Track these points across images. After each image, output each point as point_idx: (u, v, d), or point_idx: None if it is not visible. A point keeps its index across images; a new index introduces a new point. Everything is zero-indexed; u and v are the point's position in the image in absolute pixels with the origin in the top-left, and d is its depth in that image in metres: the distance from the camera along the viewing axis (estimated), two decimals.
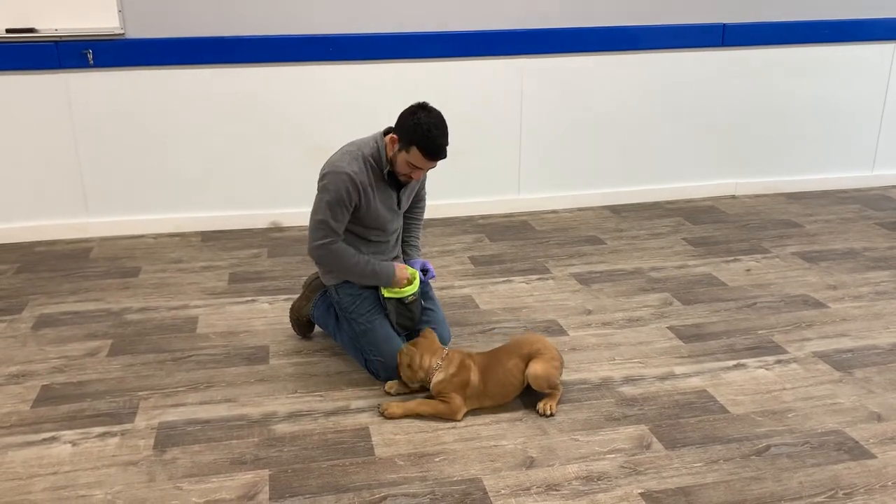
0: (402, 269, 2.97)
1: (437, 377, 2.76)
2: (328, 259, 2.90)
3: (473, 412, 2.77)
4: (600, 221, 4.82)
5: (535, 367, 2.76)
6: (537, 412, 2.75)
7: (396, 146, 2.77)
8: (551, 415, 2.74)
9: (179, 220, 4.61)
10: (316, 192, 2.85)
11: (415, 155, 2.72)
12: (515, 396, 2.83)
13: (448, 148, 2.76)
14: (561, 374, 2.87)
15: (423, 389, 2.86)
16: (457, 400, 2.73)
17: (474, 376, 2.75)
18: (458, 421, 2.72)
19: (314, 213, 2.85)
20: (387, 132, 2.89)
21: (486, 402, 2.79)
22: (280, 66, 4.43)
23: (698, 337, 3.33)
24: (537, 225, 4.76)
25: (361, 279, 2.95)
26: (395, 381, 2.91)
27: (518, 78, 4.72)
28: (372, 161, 2.83)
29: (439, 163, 2.80)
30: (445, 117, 2.75)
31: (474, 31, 4.58)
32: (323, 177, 2.82)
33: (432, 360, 2.78)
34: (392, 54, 4.51)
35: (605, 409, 2.80)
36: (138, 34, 4.24)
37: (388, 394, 2.88)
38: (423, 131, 2.67)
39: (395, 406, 2.75)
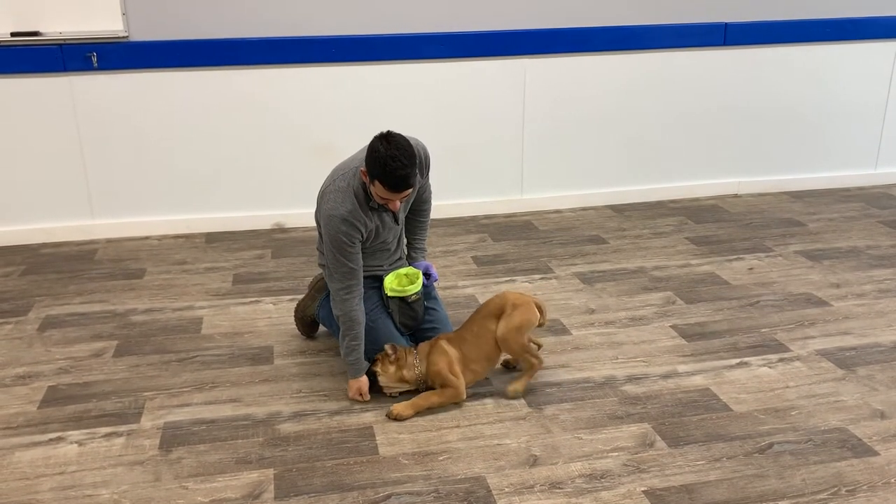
0: (363, 383, 2.87)
1: (430, 364, 2.81)
2: (340, 307, 2.83)
3: (476, 409, 2.79)
4: (603, 221, 4.82)
5: (499, 329, 2.82)
6: (506, 396, 2.84)
7: (367, 178, 2.72)
8: (515, 397, 2.83)
9: (184, 221, 4.63)
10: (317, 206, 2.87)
11: (379, 187, 2.66)
12: (500, 355, 2.90)
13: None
14: (544, 319, 2.87)
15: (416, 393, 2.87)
16: (453, 380, 2.78)
17: (449, 349, 2.82)
18: (464, 399, 2.80)
19: (328, 261, 2.84)
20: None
21: (475, 368, 2.85)
22: (284, 68, 4.44)
23: (701, 335, 3.34)
24: (540, 224, 4.76)
25: (341, 347, 2.89)
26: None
27: (521, 78, 4.73)
28: (358, 196, 2.79)
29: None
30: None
31: (476, 32, 4.58)
32: (323, 224, 2.81)
33: (408, 356, 2.84)
34: (395, 55, 4.52)
35: (608, 408, 2.81)
36: (142, 37, 4.26)
37: (391, 396, 2.89)
38: (380, 164, 2.60)
39: (403, 407, 2.76)
